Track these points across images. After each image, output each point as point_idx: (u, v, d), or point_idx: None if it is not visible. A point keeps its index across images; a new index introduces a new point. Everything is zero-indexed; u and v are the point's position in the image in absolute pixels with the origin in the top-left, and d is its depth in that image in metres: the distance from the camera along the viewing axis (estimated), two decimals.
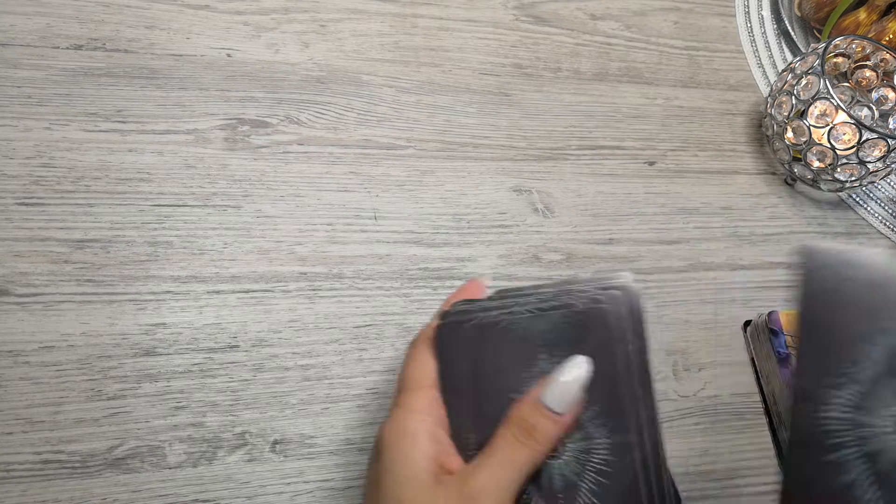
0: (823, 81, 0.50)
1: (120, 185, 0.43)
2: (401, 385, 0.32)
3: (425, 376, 0.31)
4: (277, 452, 0.39)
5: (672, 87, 0.58)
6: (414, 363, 0.32)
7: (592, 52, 0.58)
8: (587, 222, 0.50)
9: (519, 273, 0.47)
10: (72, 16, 0.47)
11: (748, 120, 0.59)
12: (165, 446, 0.37)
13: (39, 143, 0.43)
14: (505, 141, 0.52)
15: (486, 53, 0.55)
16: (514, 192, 0.50)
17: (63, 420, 0.37)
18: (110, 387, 0.38)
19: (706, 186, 0.55)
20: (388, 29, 0.53)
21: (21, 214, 0.41)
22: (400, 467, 0.29)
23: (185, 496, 0.37)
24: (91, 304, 0.39)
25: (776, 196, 0.56)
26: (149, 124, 0.45)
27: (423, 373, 0.31)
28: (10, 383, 0.37)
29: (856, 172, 0.52)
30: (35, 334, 0.38)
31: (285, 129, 0.47)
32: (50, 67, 0.45)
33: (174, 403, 0.38)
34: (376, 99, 0.50)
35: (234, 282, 0.42)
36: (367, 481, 0.31)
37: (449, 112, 0.52)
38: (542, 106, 0.54)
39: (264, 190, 0.45)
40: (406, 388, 0.31)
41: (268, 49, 0.50)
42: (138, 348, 0.39)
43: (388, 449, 0.29)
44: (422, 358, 0.32)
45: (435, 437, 0.30)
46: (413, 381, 0.31)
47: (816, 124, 0.52)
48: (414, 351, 0.32)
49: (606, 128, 0.55)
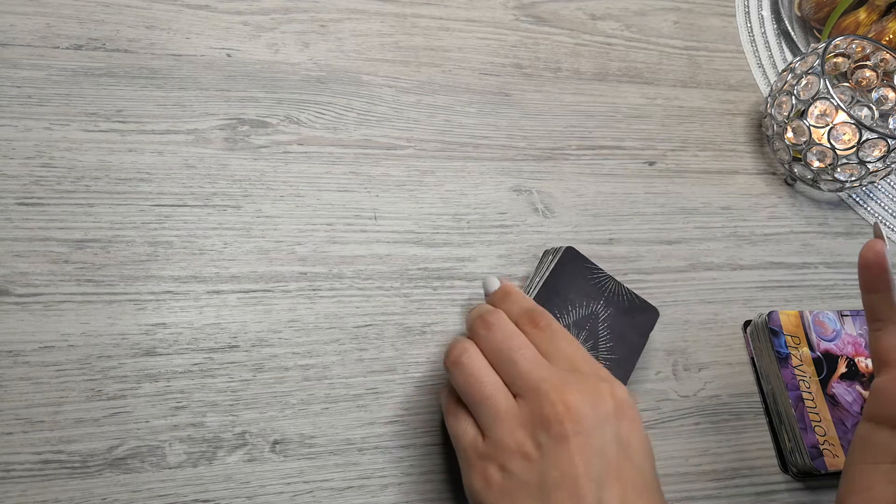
0: (823, 81, 0.50)
1: (120, 185, 0.43)
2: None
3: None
4: (277, 452, 0.39)
5: (672, 87, 0.58)
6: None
7: (592, 52, 0.58)
8: (587, 222, 0.50)
9: (519, 273, 0.47)
10: (72, 16, 0.47)
11: (748, 120, 0.59)
12: (165, 446, 0.37)
13: (39, 143, 0.43)
14: (505, 141, 0.52)
15: (486, 53, 0.55)
16: (514, 192, 0.50)
17: (63, 420, 0.37)
18: (110, 387, 0.38)
19: (706, 186, 0.55)
20: (388, 29, 0.53)
21: (21, 214, 0.41)
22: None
23: (185, 496, 0.37)
24: (91, 304, 0.40)
25: (776, 196, 0.56)
26: (149, 124, 0.45)
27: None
28: (10, 383, 0.37)
29: (856, 172, 0.52)
30: (35, 334, 0.38)
31: (285, 129, 0.47)
32: (50, 67, 0.45)
33: (174, 403, 0.38)
34: (376, 99, 0.50)
35: (234, 282, 0.42)
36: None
37: (449, 112, 0.52)
38: (542, 106, 0.54)
39: (264, 190, 0.45)
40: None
41: (268, 49, 0.50)
42: (138, 348, 0.39)
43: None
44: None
45: None
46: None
47: (816, 124, 0.52)
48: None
49: (606, 128, 0.55)
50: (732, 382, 0.48)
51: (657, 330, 0.48)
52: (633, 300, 0.45)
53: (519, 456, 0.33)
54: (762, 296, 0.51)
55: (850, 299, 0.53)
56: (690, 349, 0.48)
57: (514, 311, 0.38)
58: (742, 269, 0.52)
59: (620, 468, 0.33)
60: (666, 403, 0.46)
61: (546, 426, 0.32)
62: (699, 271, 0.51)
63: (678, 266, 0.51)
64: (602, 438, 0.33)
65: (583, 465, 0.32)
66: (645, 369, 0.46)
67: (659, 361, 0.47)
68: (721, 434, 0.46)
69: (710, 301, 0.50)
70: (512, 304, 0.38)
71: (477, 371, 0.35)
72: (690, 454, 0.45)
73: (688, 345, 0.48)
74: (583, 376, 0.35)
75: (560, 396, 0.33)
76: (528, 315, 0.37)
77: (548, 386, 0.33)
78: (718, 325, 0.49)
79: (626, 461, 0.33)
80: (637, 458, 0.33)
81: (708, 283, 0.51)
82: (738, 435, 0.46)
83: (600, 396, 0.34)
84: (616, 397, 0.34)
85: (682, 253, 0.51)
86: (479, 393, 0.34)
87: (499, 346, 0.35)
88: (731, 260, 0.52)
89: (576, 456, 0.32)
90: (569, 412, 0.33)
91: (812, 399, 0.45)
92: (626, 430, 0.34)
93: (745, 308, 0.51)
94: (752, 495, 0.45)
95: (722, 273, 0.51)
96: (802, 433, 0.44)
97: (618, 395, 0.35)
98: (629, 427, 0.34)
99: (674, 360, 0.47)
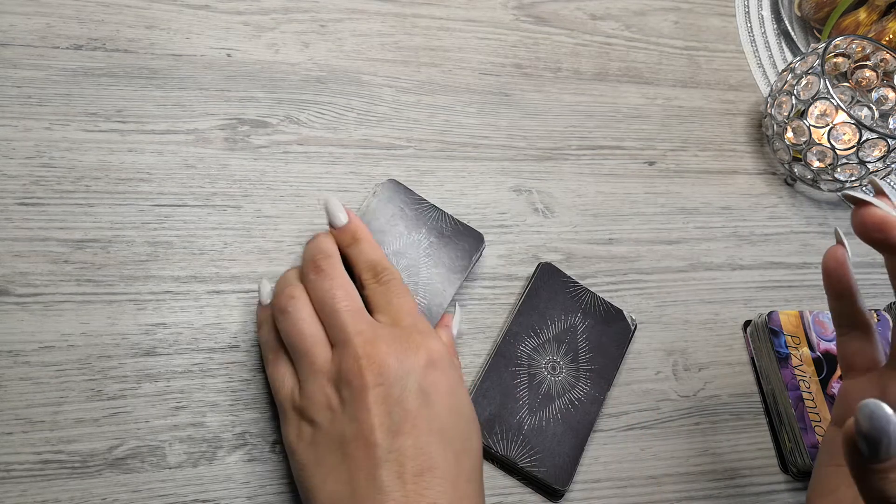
0: (823, 81, 0.50)
1: (120, 185, 0.43)
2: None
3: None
4: (277, 452, 0.39)
5: (672, 87, 0.58)
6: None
7: (592, 52, 0.58)
8: (587, 222, 0.50)
9: (519, 273, 0.47)
10: (72, 16, 0.47)
11: (748, 120, 0.59)
12: (165, 446, 0.37)
13: (39, 143, 0.43)
14: (505, 141, 0.52)
15: (486, 53, 0.55)
16: (514, 192, 0.50)
17: (63, 420, 0.37)
18: (110, 387, 0.38)
19: (706, 186, 0.55)
20: (388, 29, 0.53)
21: (21, 214, 0.41)
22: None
23: (185, 496, 0.37)
24: (91, 304, 0.39)
25: (776, 196, 0.56)
26: (149, 124, 0.45)
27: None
28: (10, 383, 0.37)
29: (856, 172, 0.52)
30: (35, 334, 0.38)
31: (285, 129, 0.47)
32: (50, 67, 0.45)
33: (174, 403, 0.38)
34: (376, 99, 0.50)
35: (234, 282, 0.42)
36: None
37: (449, 112, 0.52)
38: (542, 106, 0.54)
39: (264, 190, 0.45)
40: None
41: (268, 49, 0.50)
42: (138, 348, 0.39)
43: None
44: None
45: None
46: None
47: (816, 124, 0.52)
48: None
49: (606, 128, 0.55)
50: (732, 382, 0.48)
51: (657, 330, 0.48)
52: (608, 309, 0.46)
53: (326, 409, 0.34)
54: (762, 296, 0.51)
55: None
56: (690, 349, 0.48)
57: (359, 261, 0.38)
58: (742, 269, 0.52)
59: (418, 416, 0.33)
60: (666, 403, 0.46)
61: (349, 379, 0.33)
62: (699, 271, 0.51)
63: (678, 266, 0.51)
64: (403, 389, 0.33)
65: (379, 416, 0.32)
66: (645, 369, 0.47)
67: (659, 361, 0.47)
68: (721, 434, 0.46)
69: (710, 301, 0.50)
70: (359, 253, 0.38)
71: (301, 322, 0.35)
72: (690, 454, 0.45)
73: (688, 345, 0.48)
74: (400, 329, 0.35)
75: (367, 349, 0.33)
76: (372, 269, 0.38)
77: (360, 339, 0.34)
78: (718, 325, 0.49)
79: (424, 409, 0.33)
80: (438, 407, 0.34)
81: (708, 283, 0.51)
82: (738, 435, 0.46)
83: (411, 349, 0.34)
84: (430, 349, 0.35)
85: (682, 253, 0.51)
86: (301, 345, 0.35)
87: (324, 294, 0.36)
88: (731, 260, 0.52)
89: (373, 407, 0.33)
90: (371, 364, 0.33)
91: (812, 399, 0.45)
92: (431, 380, 0.34)
93: (745, 308, 0.51)
94: (752, 495, 0.45)
95: (722, 273, 0.51)
96: (802, 433, 0.44)
97: (432, 347, 0.35)
98: (436, 377, 0.34)
99: (674, 360, 0.47)
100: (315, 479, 0.33)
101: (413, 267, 0.43)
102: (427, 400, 0.34)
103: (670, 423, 0.45)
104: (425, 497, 0.31)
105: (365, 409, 0.33)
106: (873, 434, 0.25)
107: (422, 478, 0.32)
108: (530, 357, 0.43)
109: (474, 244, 0.45)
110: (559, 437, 0.41)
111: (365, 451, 0.32)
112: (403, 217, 0.44)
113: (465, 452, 0.34)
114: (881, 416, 0.25)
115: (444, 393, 0.34)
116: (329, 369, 0.34)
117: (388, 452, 0.32)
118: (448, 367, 0.36)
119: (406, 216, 0.44)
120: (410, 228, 0.44)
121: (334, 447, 0.33)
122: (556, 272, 0.46)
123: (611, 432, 0.44)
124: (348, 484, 0.32)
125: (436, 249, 0.44)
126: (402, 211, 0.44)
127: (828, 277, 0.35)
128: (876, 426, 0.25)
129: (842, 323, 0.36)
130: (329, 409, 0.34)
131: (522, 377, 0.43)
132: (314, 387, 0.34)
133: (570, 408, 0.42)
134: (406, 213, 0.44)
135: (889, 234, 0.31)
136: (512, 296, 0.46)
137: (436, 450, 0.33)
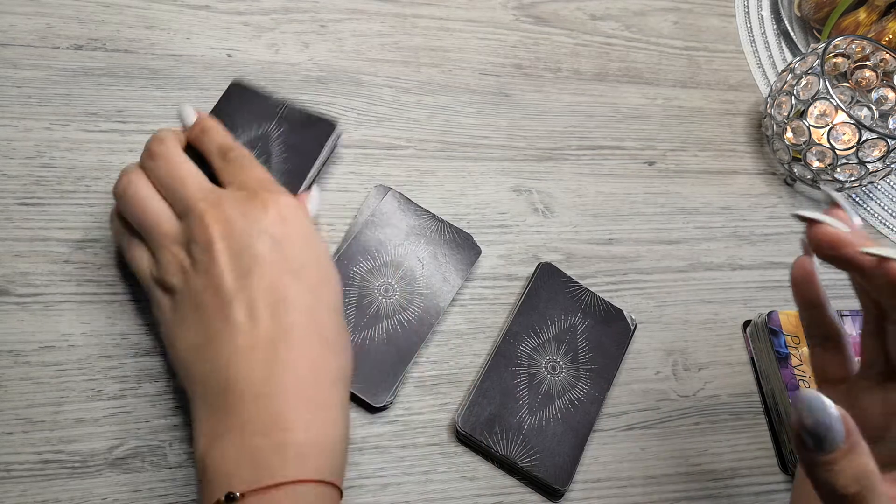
0: (823, 81, 0.50)
1: None
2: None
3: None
4: None
5: (672, 88, 0.58)
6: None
7: (592, 52, 0.58)
8: (587, 222, 0.50)
9: (519, 273, 0.47)
10: (72, 16, 0.47)
11: (748, 120, 0.59)
12: (166, 446, 0.37)
13: (39, 143, 0.43)
14: (505, 141, 0.52)
15: (486, 53, 0.55)
16: (514, 192, 0.50)
17: (63, 420, 0.37)
18: (110, 387, 0.38)
19: (706, 186, 0.55)
20: (388, 29, 0.53)
21: (21, 214, 0.41)
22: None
23: (186, 496, 0.37)
24: (91, 304, 0.40)
25: (776, 196, 0.56)
26: (149, 124, 0.45)
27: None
28: (10, 383, 0.37)
29: (855, 172, 0.52)
30: (35, 334, 0.38)
31: None
32: (50, 67, 0.45)
33: (174, 403, 0.38)
34: (376, 99, 0.50)
35: None
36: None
37: (449, 112, 0.52)
38: (541, 106, 0.54)
39: None
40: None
41: (268, 49, 0.50)
42: (138, 348, 0.39)
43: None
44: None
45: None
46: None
47: (816, 124, 0.52)
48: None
49: (606, 128, 0.55)
50: (732, 382, 0.48)
51: (657, 330, 0.48)
52: (608, 309, 0.46)
53: (179, 272, 0.34)
54: (762, 296, 0.51)
55: (849, 299, 0.53)
56: (690, 349, 0.48)
57: (210, 149, 0.38)
58: (742, 269, 0.52)
59: (268, 259, 0.33)
60: (666, 403, 0.46)
61: (196, 238, 0.34)
62: (699, 271, 0.51)
63: (678, 266, 0.51)
64: (251, 237, 0.34)
65: (227, 262, 0.33)
66: (645, 369, 0.47)
67: (659, 361, 0.47)
68: (721, 434, 0.46)
69: (709, 301, 0.50)
70: (209, 140, 0.38)
71: (141, 200, 0.36)
72: (690, 454, 0.45)
73: (688, 345, 0.48)
74: (247, 191, 0.35)
75: (213, 211, 0.34)
76: (221, 151, 0.38)
77: (204, 204, 0.34)
78: (718, 325, 0.50)
79: (275, 254, 0.34)
80: (289, 251, 0.34)
81: (708, 283, 0.51)
82: (738, 435, 0.46)
83: (258, 205, 0.35)
84: (279, 204, 0.35)
85: (681, 253, 0.51)
86: (146, 220, 0.35)
87: (163, 174, 0.36)
88: (730, 260, 0.52)
89: (220, 256, 0.33)
90: (217, 221, 0.34)
91: None
92: (281, 231, 0.34)
93: (744, 308, 0.51)
94: (752, 495, 0.45)
95: (722, 273, 0.51)
96: None
97: (281, 202, 0.35)
98: (287, 229, 0.35)
99: (674, 360, 0.47)
100: (178, 340, 0.34)
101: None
102: (278, 246, 0.34)
103: (670, 423, 0.45)
104: (280, 326, 0.32)
105: (213, 261, 0.33)
106: (815, 428, 0.26)
107: (274, 309, 0.33)
108: (530, 357, 0.43)
109: (463, 241, 0.46)
110: (559, 437, 0.41)
111: (215, 296, 0.33)
112: (559, 302, 0.45)
113: (323, 284, 0.35)
114: (820, 409, 0.26)
115: (297, 240, 0.35)
116: (177, 234, 0.35)
117: (237, 292, 0.33)
118: (301, 220, 0.36)
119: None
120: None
121: (192, 304, 0.34)
122: (555, 272, 0.46)
123: (611, 432, 0.44)
124: (204, 332, 0.33)
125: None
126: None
127: (796, 288, 0.35)
128: (817, 419, 0.26)
129: (813, 333, 0.36)
130: (182, 270, 0.34)
131: (522, 377, 0.43)
132: (166, 254, 0.35)
133: (570, 407, 0.42)
134: (401, 220, 0.45)
135: (840, 251, 0.31)
136: (512, 296, 0.46)
137: (288, 284, 0.33)
